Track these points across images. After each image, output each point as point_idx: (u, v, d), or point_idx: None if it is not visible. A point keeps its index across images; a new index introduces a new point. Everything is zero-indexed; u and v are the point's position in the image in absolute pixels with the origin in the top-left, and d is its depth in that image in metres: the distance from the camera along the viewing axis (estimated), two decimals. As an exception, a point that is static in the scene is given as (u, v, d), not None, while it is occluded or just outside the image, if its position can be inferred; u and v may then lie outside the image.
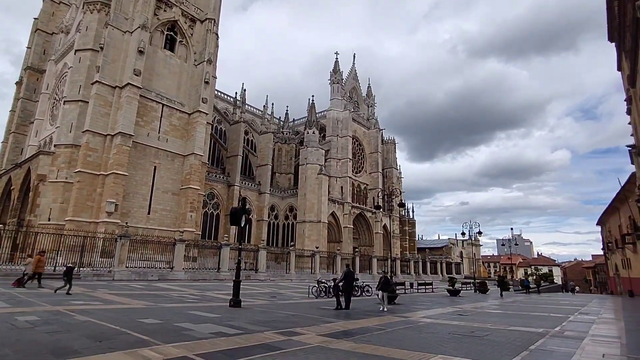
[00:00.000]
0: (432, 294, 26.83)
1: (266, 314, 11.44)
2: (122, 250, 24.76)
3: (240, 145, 55.48)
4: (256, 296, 18.70)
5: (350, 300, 14.12)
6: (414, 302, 18.91)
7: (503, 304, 20.42)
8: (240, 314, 11.06)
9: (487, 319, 12.75)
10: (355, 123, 70.19)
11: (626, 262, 43.49)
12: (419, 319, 11.92)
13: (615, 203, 43.99)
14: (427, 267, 61.09)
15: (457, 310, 15.53)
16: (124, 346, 6.12)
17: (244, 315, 10.83)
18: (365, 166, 72.33)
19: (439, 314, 13.64)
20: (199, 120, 40.67)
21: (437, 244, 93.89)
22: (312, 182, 56.45)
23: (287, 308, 13.58)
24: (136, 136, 35.99)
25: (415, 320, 11.58)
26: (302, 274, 37.72)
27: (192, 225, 38.64)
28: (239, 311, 11.84)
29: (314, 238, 52.90)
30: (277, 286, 26.89)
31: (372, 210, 68.27)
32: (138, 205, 36.23)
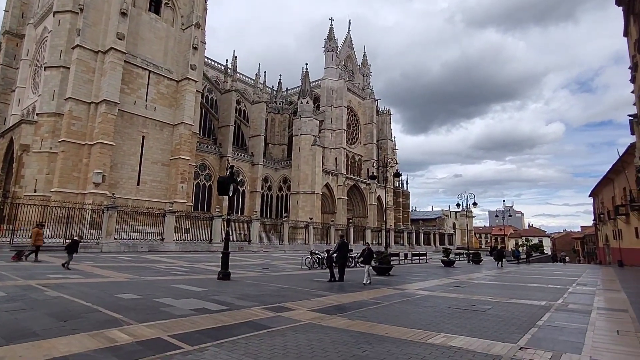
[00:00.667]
0: (427, 265, 26.68)
1: (256, 287, 10.89)
2: (109, 222, 24.04)
3: (232, 115, 53.97)
4: (248, 268, 18.22)
5: (344, 272, 13.64)
6: (408, 273, 18.58)
7: (499, 275, 20.21)
8: (228, 288, 10.48)
9: (485, 290, 12.35)
10: (350, 93, 68.48)
11: (617, 233, 43.85)
12: (415, 292, 11.46)
13: (610, 175, 43.87)
14: (421, 238, 61.46)
15: (453, 281, 15.16)
16: (91, 327, 5.46)
17: (232, 289, 10.25)
18: (359, 137, 71.22)
19: (436, 286, 13.22)
20: (188, 88, 39.09)
21: (430, 215, 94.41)
22: (306, 153, 55.48)
23: (278, 280, 13.07)
24: (122, 104, 34.52)
25: (412, 293, 11.10)
26: (296, 245, 37.48)
27: (184, 197, 37.87)
28: (228, 284, 11.27)
29: (307, 209, 52.51)
30: (270, 257, 26.53)
31: (366, 182, 67.80)
32: (127, 177, 35.23)
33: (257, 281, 12.54)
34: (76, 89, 32.76)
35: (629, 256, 39.37)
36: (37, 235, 16.10)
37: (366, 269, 13.57)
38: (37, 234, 16.12)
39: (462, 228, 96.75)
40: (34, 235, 16.12)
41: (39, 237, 16.22)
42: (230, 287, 10.58)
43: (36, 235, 16.09)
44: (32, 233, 16.38)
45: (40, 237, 16.47)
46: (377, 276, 16.27)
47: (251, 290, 10.31)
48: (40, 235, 16.39)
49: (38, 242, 16.16)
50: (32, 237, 16.33)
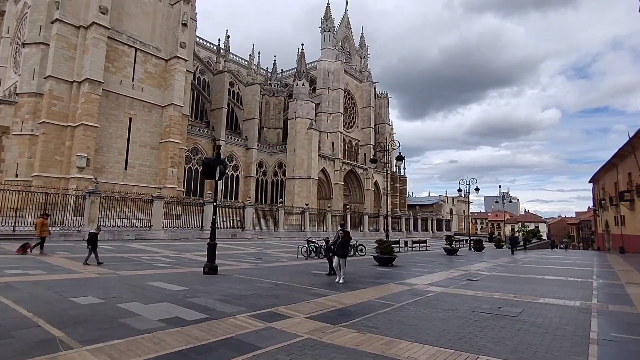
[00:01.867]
0: (428, 253, 25.50)
1: (245, 284, 9.49)
2: (92, 208, 22.50)
3: (225, 97, 51.92)
4: (239, 258, 16.85)
5: (345, 265, 12.28)
6: (412, 263, 17.33)
7: (508, 265, 19.00)
8: (213, 285, 9.08)
9: (503, 286, 11.06)
10: (347, 75, 66.42)
11: (620, 219, 42.93)
12: (426, 288, 10.13)
13: (614, 160, 42.72)
14: (418, 224, 60.51)
15: (463, 274, 13.89)
16: (10, 355, 4.02)
17: (217, 287, 8.85)
18: (357, 121, 69.51)
19: (446, 280, 11.93)
20: (177, 67, 37.04)
21: (427, 201, 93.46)
22: (301, 137, 53.77)
23: (272, 274, 11.71)
24: (107, 84, 32.53)
25: (423, 290, 9.77)
26: (292, 232, 36.20)
27: (174, 182, 36.25)
28: (213, 280, 9.88)
29: (303, 195, 51.11)
30: (264, 245, 25.21)
31: (363, 167, 66.42)
32: (113, 160, 33.49)
33: (248, 275, 11.16)
34: (56, 66, 30.70)
35: (632, 243, 38.50)
36: (42, 225, 14.80)
37: (337, 263, 10.84)
38: (42, 225, 14.80)
39: (459, 214, 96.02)
40: (39, 226, 14.81)
41: (44, 227, 14.91)
42: (215, 284, 9.18)
43: (41, 225, 14.78)
44: (37, 223, 15.10)
45: (46, 228, 15.19)
46: (380, 267, 14.98)
47: (240, 288, 8.92)
48: (45, 225, 15.08)
49: (44, 233, 14.87)
50: (36, 227, 15.03)
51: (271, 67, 68.99)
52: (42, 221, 14.98)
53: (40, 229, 14.77)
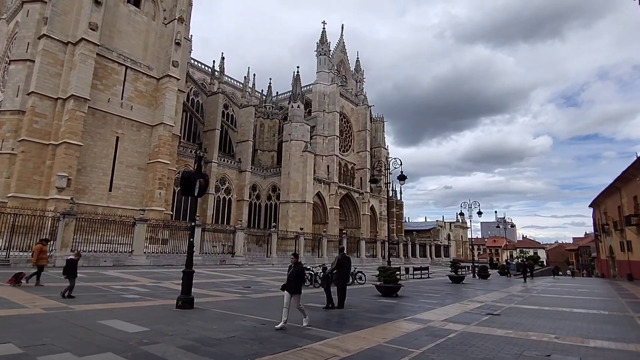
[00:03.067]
0: (431, 281, 23.66)
1: (224, 323, 7.72)
2: (66, 231, 20.57)
3: (219, 118, 50.82)
4: (225, 287, 14.99)
5: (344, 297, 10.54)
6: (418, 293, 15.55)
7: (525, 295, 17.24)
8: (183, 324, 7.30)
9: (534, 322, 9.34)
10: (343, 98, 65.98)
11: (625, 245, 41.40)
12: (444, 326, 8.40)
13: (617, 183, 41.64)
14: (417, 250, 58.52)
15: (479, 306, 12.15)
16: None
17: (188, 327, 7.07)
18: (352, 145, 68.58)
19: (464, 314, 10.19)
20: (169, 86, 35.94)
21: (424, 226, 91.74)
22: (296, 159, 52.49)
23: (259, 307, 9.92)
24: (94, 101, 31.21)
25: (441, 329, 8.04)
26: (285, 258, 34.16)
27: (161, 204, 34.42)
28: (185, 317, 8.09)
29: (298, 219, 49.29)
30: (255, 272, 23.27)
31: (359, 191, 64.99)
32: (97, 181, 31.72)
33: (230, 310, 9.36)
34: (41, 82, 29.38)
35: (640, 269, 36.92)
36: (39, 253, 13.00)
37: (286, 300, 7.82)
38: (39, 252, 13.01)
39: (457, 239, 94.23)
40: (36, 253, 12.99)
41: (42, 255, 13.12)
42: (186, 323, 7.41)
43: (39, 252, 12.99)
44: (34, 250, 13.31)
45: (45, 256, 13.45)
46: (383, 298, 13.20)
47: (216, 328, 7.14)
48: (44, 253, 13.33)
49: (41, 261, 13.05)
50: (33, 255, 13.22)
51: (266, 90, 68.57)
52: (40, 247, 13.15)
53: (38, 256, 12.91)
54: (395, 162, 18.67)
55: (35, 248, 13.35)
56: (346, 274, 10.69)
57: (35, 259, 12.99)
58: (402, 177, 18.50)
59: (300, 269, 8.40)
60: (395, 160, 18.77)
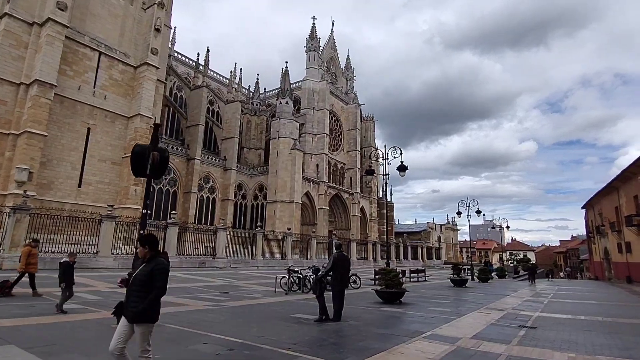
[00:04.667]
0: (431, 284, 21.63)
1: (172, 348, 5.40)
2: (16, 229, 17.92)
3: (203, 113, 48.19)
4: (198, 293, 12.66)
5: (342, 306, 8.32)
6: (423, 299, 13.43)
7: (539, 299, 15.27)
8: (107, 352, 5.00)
9: (587, 338, 7.28)
10: (333, 96, 63.92)
11: (624, 246, 40.15)
12: (480, 346, 6.25)
13: (615, 183, 40.46)
14: (408, 252, 56.70)
15: (503, 315, 10.07)
16: None
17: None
18: (342, 144, 66.53)
19: (494, 328, 8.08)
20: (147, 75, 33.32)
21: (414, 228, 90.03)
22: (284, 157, 50.17)
23: (232, 322, 7.64)
24: (62, 88, 28.48)
25: (480, 354, 5.89)
26: (271, 260, 31.84)
27: (137, 202, 31.69)
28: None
29: (285, 220, 46.91)
30: (237, 275, 20.90)
31: (349, 192, 62.94)
32: (65, 176, 28.92)
33: (191, 325, 7.04)
34: (1, 65, 26.50)
35: None
36: (28, 256, 10.41)
37: (118, 335, 3.76)
38: (28, 255, 10.43)
39: (447, 242, 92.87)
40: (24, 257, 10.41)
41: (32, 259, 10.53)
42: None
43: (27, 256, 10.40)
44: (22, 253, 10.64)
45: (35, 260, 10.75)
46: (386, 306, 11.02)
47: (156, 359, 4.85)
48: (34, 257, 10.68)
49: (31, 268, 10.49)
50: (21, 259, 10.60)
51: (253, 87, 66.09)
52: (28, 250, 10.54)
53: (26, 260, 10.34)
54: (395, 151, 16.58)
55: (23, 251, 10.67)
56: (345, 277, 8.48)
57: (22, 264, 10.37)
58: (402, 167, 16.42)
59: (162, 267, 3.79)
60: (395, 149, 16.69)
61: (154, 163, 7.33)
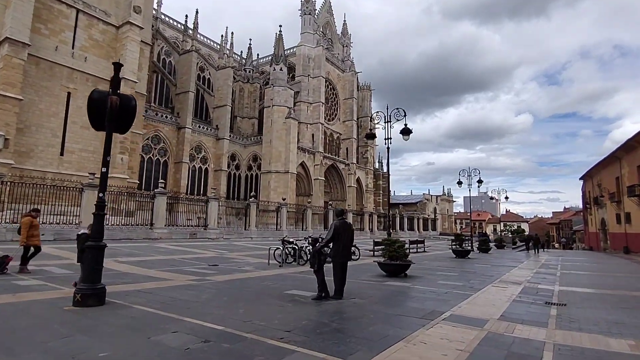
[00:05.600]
0: (433, 255, 20.77)
1: (131, 339, 4.21)
2: (-12, 198, 16.56)
3: (192, 79, 45.96)
4: (185, 266, 11.54)
5: (344, 282, 7.20)
6: (428, 272, 12.45)
7: (550, 270, 14.39)
8: (42, 344, 3.79)
9: (624, 317, 6.23)
10: (329, 63, 61.41)
11: (623, 217, 39.68)
12: (514, 331, 5.15)
13: (617, 153, 39.47)
14: (404, 223, 56.16)
15: (521, 289, 9.05)
16: None
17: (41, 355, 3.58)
18: (338, 114, 64.61)
19: (519, 306, 7.01)
20: (130, 36, 31.04)
21: (410, 199, 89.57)
22: (279, 127, 48.46)
23: (215, 300, 6.48)
24: (37, 49, 26.34)
25: (520, 341, 4.77)
26: (266, 231, 30.87)
27: (124, 171, 30.25)
28: (69, 326, 4.56)
29: (280, 191, 45.81)
30: (229, 247, 19.84)
31: (345, 162, 61.69)
32: (45, 143, 27.24)
33: (164, 306, 5.86)
34: (-33, 22, 24.34)
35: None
36: (29, 228, 9.15)
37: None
38: (29, 226, 9.15)
39: (443, 213, 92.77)
40: (25, 229, 9.10)
41: (33, 230, 9.28)
42: (52, 341, 3.90)
43: (28, 228, 9.13)
44: (22, 225, 9.24)
45: (37, 232, 9.45)
46: (391, 280, 9.96)
47: (103, 357, 3.66)
48: (36, 228, 9.41)
49: (34, 240, 9.26)
50: (20, 230, 9.22)
51: (246, 52, 63.21)
52: (29, 221, 9.21)
53: (28, 232, 9.04)
54: (399, 113, 15.17)
55: (24, 222, 9.27)
56: (347, 248, 7.30)
57: (23, 237, 9.05)
58: (405, 130, 15.07)
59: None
60: (399, 110, 15.27)
61: (112, 109, 5.95)
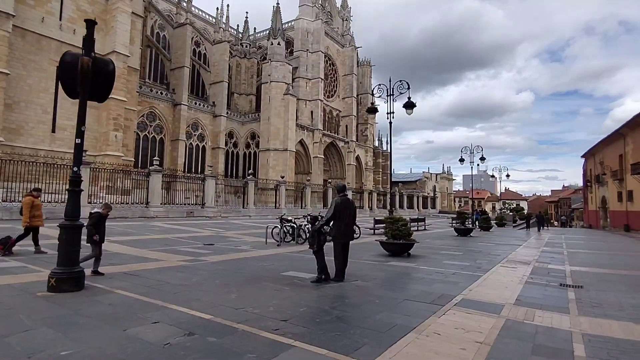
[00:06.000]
0: (433, 234, 20.39)
1: (103, 331, 3.70)
2: (-26, 175, 15.95)
3: (187, 54, 44.55)
4: (179, 245, 11.07)
5: (346, 263, 6.69)
6: (432, 251, 12.01)
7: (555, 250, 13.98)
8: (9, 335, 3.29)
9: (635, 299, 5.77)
10: (328, 38, 59.65)
11: (625, 195, 39.31)
12: (535, 318, 4.66)
13: (622, 130, 38.71)
14: (404, 201, 55.83)
15: (532, 270, 8.61)
16: None
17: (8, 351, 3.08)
18: (338, 90, 63.25)
19: (534, 289, 6.54)
20: (120, 7, 29.68)
21: (410, 177, 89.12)
22: (277, 103, 47.39)
23: (204, 286, 5.98)
24: (22, 20, 25.16)
25: (546, 330, 4.29)
26: (265, 209, 30.46)
27: (118, 149, 29.54)
28: (36, 316, 4.06)
29: (279, 169, 45.20)
30: (227, 225, 19.41)
31: (344, 140, 60.87)
32: (35, 120, 26.41)
33: (149, 291, 5.36)
34: (-53, -9, 23.08)
35: (640, 220, 35.00)
36: (31, 207, 8.61)
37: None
38: (31, 206, 8.62)
39: (442, 191, 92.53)
40: (26, 209, 8.55)
41: (35, 210, 8.74)
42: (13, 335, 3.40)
43: (30, 207, 8.59)
44: (24, 205, 8.68)
45: (39, 213, 8.89)
46: (393, 260, 9.49)
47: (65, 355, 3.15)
48: (38, 208, 8.86)
49: (36, 221, 8.74)
50: (22, 210, 8.66)
51: (242, 27, 61.26)
52: (31, 201, 8.66)
53: (29, 212, 8.55)
54: (402, 86, 14.40)
55: (25, 202, 8.71)
56: (349, 227, 6.74)
57: (26, 217, 8.51)
58: (409, 104, 14.34)
59: None
60: (402, 83, 14.49)
61: (84, 72, 5.26)
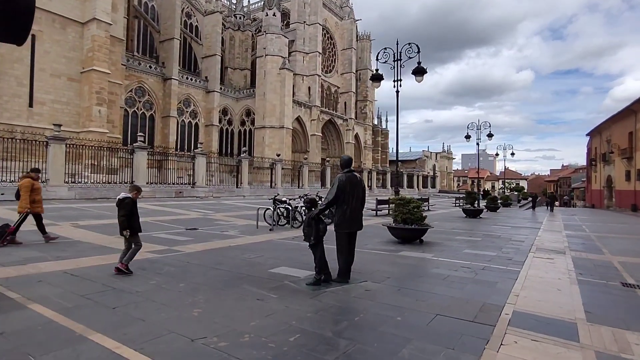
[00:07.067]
0: (439, 215, 18.99)
1: None
2: None
3: (177, 24, 42.02)
4: (157, 230, 9.58)
5: (352, 259, 5.21)
6: (446, 236, 10.57)
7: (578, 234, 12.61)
8: None
9: None
10: (326, 9, 56.84)
11: (633, 174, 37.98)
12: (627, 346, 3.22)
13: (633, 106, 37.01)
14: (404, 180, 54.49)
15: (573, 262, 7.17)
16: None
17: None
18: (336, 65, 60.83)
19: (586, 289, 5.10)
20: (101, -31, 27.33)
21: (409, 156, 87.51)
22: (273, 78, 45.21)
23: (157, 297, 4.50)
24: (-9, -19, 22.87)
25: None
26: (260, 189, 28.98)
27: (102, 125, 27.70)
28: None
29: (275, 147, 43.45)
30: (217, 206, 17.92)
31: (343, 117, 58.93)
32: (10, 93, 24.46)
33: (87, 299, 3.89)
34: None
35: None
36: (30, 191, 7.40)
37: None
38: (30, 190, 7.41)
39: (442, 170, 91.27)
40: (25, 192, 7.33)
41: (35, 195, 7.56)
42: None
43: (29, 191, 7.37)
44: (22, 188, 7.41)
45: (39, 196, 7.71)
46: (404, 248, 8.04)
47: None
48: (38, 191, 7.68)
49: (37, 207, 7.60)
50: (20, 194, 7.40)
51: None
52: (30, 183, 7.38)
53: (29, 197, 7.34)
54: (411, 50, 12.65)
55: (23, 184, 7.39)
56: (357, 212, 5.17)
57: (26, 202, 7.23)
58: (419, 70, 12.63)
59: None
60: (411, 46, 12.73)
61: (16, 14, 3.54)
